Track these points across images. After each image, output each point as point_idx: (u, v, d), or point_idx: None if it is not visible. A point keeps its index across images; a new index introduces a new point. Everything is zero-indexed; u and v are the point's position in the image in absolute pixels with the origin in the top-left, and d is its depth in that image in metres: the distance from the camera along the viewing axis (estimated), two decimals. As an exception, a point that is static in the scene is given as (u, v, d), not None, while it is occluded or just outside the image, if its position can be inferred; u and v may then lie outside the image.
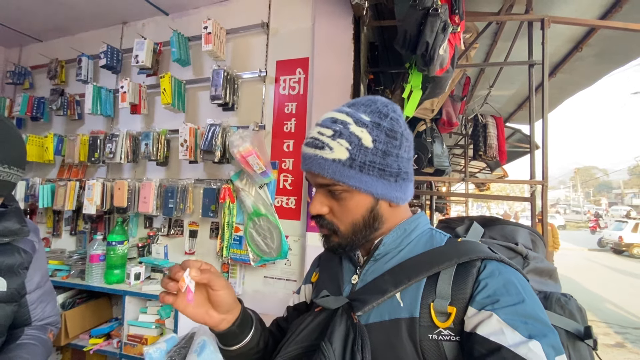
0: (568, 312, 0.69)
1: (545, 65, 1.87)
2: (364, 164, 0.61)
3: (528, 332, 0.48)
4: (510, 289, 0.53)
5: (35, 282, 1.12)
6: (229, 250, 2.08)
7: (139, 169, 2.51)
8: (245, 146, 1.88)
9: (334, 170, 0.60)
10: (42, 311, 1.15)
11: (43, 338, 1.12)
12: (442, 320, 0.55)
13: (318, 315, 0.64)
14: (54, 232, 2.70)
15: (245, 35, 2.29)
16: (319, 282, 0.78)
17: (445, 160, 2.83)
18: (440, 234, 0.67)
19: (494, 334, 0.49)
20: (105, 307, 2.25)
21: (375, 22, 2.17)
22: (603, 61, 2.91)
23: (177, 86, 2.25)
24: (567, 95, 3.77)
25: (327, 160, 0.61)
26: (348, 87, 1.96)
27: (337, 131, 0.61)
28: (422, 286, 0.58)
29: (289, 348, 0.62)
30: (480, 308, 0.52)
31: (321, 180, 0.63)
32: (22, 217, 1.06)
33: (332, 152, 0.60)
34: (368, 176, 0.61)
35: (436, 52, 1.38)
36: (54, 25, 2.75)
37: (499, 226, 0.83)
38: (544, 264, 0.78)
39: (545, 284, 0.77)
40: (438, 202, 9.33)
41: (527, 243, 0.81)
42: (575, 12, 2.28)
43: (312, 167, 0.63)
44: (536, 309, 0.52)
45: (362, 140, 0.61)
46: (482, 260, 0.58)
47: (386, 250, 0.66)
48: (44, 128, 2.86)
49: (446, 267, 0.58)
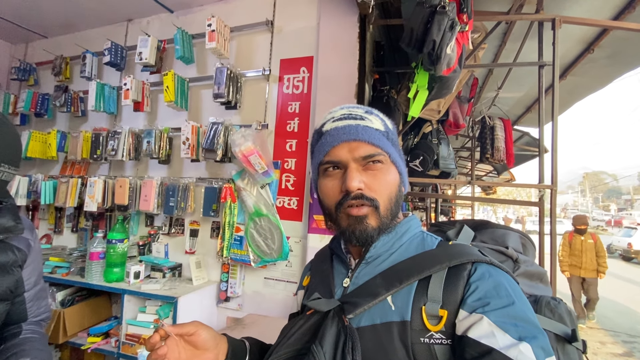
0: (558, 315, 0.69)
1: (556, 67, 1.82)
2: (393, 140, 0.67)
3: (518, 334, 0.48)
4: (500, 292, 0.54)
5: (33, 281, 1.12)
6: (229, 250, 2.05)
7: (140, 167, 2.50)
8: (247, 145, 1.86)
9: (379, 138, 0.63)
10: (38, 308, 1.15)
11: (42, 332, 1.14)
12: (434, 323, 0.55)
13: (309, 319, 0.64)
14: (55, 229, 2.70)
15: (250, 33, 2.26)
16: (310, 285, 0.78)
17: (451, 163, 2.77)
18: (431, 237, 0.68)
19: (485, 337, 0.49)
20: (105, 306, 2.24)
21: (381, 21, 2.13)
22: (615, 63, 2.83)
23: (180, 84, 2.23)
24: (577, 98, 3.69)
25: (372, 129, 0.64)
26: (353, 86, 1.93)
27: (368, 110, 0.67)
28: (414, 289, 0.58)
29: (280, 351, 0.62)
30: (471, 311, 0.52)
31: (366, 149, 0.62)
32: (17, 214, 1.05)
33: (373, 123, 0.65)
34: (396, 152, 0.67)
35: (443, 50, 1.34)
36: (59, 22, 2.76)
37: (489, 230, 0.83)
38: (534, 267, 0.78)
39: (536, 287, 0.77)
40: (443, 206, 9.24)
41: (518, 247, 0.81)
42: (587, 12, 2.22)
43: (358, 135, 0.62)
44: (526, 311, 0.52)
45: (387, 121, 0.68)
46: (473, 263, 0.58)
47: (378, 253, 0.65)
48: (47, 124, 2.86)
49: (437, 270, 0.58)
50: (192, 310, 1.93)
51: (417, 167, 2.58)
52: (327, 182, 0.65)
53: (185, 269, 2.23)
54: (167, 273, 2.13)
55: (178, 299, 1.83)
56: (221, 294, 2.11)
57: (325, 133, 0.65)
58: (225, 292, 2.10)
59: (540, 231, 1.88)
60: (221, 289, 2.11)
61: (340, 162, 0.63)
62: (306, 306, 0.68)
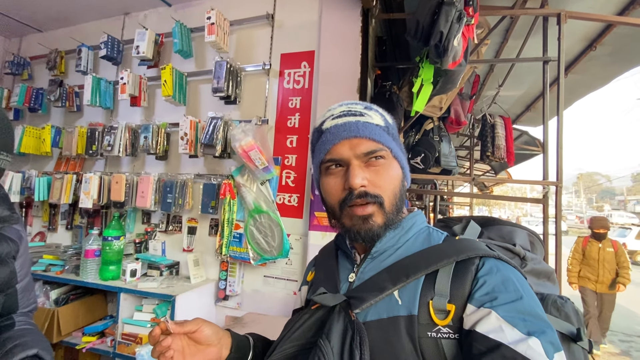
0: (564, 314, 0.68)
1: (561, 62, 1.80)
2: (393, 135, 0.66)
3: (527, 329, 0.48)
4: (508, 286, 0.53)
5: (24, 272, 1.10)
6: (228, 247, 2.01)
7: (137, 163, 2.45)
8: (248, 140, 1.82)
9: (379, 133, 0.63)
10: (28, 299, 1.13)
11: (34, 323, 1.13)
12: (441, 318, 0.54)
13: (314, 313, 0.63)
14: (49, 226, 2.64)
15: (250, 27, 2.22)
16: (315, 280, 0.77)
17: (453, 160, 2.75)
18: (437, 232, 0.67)
19: (493, 332, 0.48)
20: (100, 304, 2.19)
21: (384, 15, 2.10)
22: (617, 60, 2.82)
23: (178, 78, 2.19)
24: (578, 96, 3.69)
25: (372, 124, 0.63)
26: (355, 81, 1.89)
27: (367, 106, 0.67)
28: (421, 284, 0.57)
29: (284, 346, 0.61)
30: (479, 305, 0.52)
31: (368, 145, 0.62)
32: (10, 204, 1.04)
33: (373, 119, 0.64)
34: (397, 146, 0.66)
35: (450, 42, 1.31)
36: (55, 15, 2.70)
37: (496, 226, 0.82)
38: (542, 265, 0.78)
39: (543, 285, 0.76)
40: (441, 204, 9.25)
41: (526, 244, 0.80)
42: (590, 8, 2.20)
43: (359, 131, 0.62)
44: (534, 305, 0.52)
45: (386, 116, 0.68)
46: (481, 257, 0.58)
47: (384, 247, 0.65)
48: (41, 119, 2.80)
49: (445, 264, 0.57)
50: (190, 309, 1.89)
51: (418, 165, 2.55)
52: (329, 181, 0.65)
53: (183, 267, 2.18)
54: (164, 271, 2.08)
55: (176, 298, 1.79)
56: (220, 293, 2.07)
57: (325, 131, 0.65)
58: (224, 291, 2.06)
59: (544, 230, 1.86)
60: (220, 287, 2.07)
61: (342, 160, 0.63)
62: (310, 301, 0.67)
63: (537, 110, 4.17)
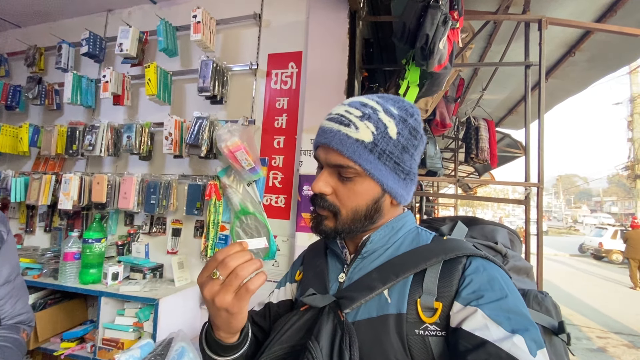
0: (544, 308, 0.71)
1: (543, 66, 1.85)
2: (383, 152, 0.61)
3: (511, 327, 0.49)
4: (494, 285, 0.55)
5: (4, 276, 1.02)
6: (214, 249, 1.98)
7: (120, 163, 2.39)
8: (234, 140, 1.79)
9: (354, 149, 0.60)
10: (12, 308, 1.05)
11: (16, 339, 1.02)
12: (429, 315, 0.56)
13: (304, 315, 0.63)
14: (27, 229, 2.54)
15: (236, 27, 2.20)
16: (303, 280, 0.77)
17: (438, 162, 2.79)
18: (426, 232, 0.69)
19: (479, 329, 0.50)
20: (80, 309, 2.12)
21: (371, 17, 2.11)
22: (595, 66, 2.92)
23: (163, 77, 2.15)
24: (557, 101, 3.80)
25: (351, 139, 0.60)
26: (342, 83, 1.90)
27: (366, 114, 0.62)
28: (409, 282, 0.59)
29: (273, 348, 0.61)
30: (465, 304, 0.54)
31: (336, 158, 0.62)
32: None
33: (357, 132, 0.60)
34: (384, 166, 0.62)
35: (436, 45, 1.33)
36: (34, 11, 2.61)
37: (479, 226, 0.86)
38: (522, 262, 0.82)
39: (523, 281, 0.80)
40: (427, 206, 9.36)
41: (506, 242, 0.84)
42: (570, 15, 2.28)
43: (332, 142, 0.61)
44: (518, 304, 0.54)
45: (388, 130, 0.62)
46: (468, 257, 0.59)
47: (374, 247, 0.66)
48: (19, 118, 2.70)
49: (433, 263, 0.59)
50: (174, 313, 1.85)
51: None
52: None
53: (167, 269, 2.14)
54: (147, 274, 2.03)
55: (159, 301, 1.75)
56: (205, 295, 2.03)
57: (319, 128, 0.67)
58: (209, 293, 2.02)
59: (526, 230, 1.90)
60: (205, 290, 2.03)
61: (319, 162, 0.67)
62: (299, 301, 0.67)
63: (519, 114, 4.28)
